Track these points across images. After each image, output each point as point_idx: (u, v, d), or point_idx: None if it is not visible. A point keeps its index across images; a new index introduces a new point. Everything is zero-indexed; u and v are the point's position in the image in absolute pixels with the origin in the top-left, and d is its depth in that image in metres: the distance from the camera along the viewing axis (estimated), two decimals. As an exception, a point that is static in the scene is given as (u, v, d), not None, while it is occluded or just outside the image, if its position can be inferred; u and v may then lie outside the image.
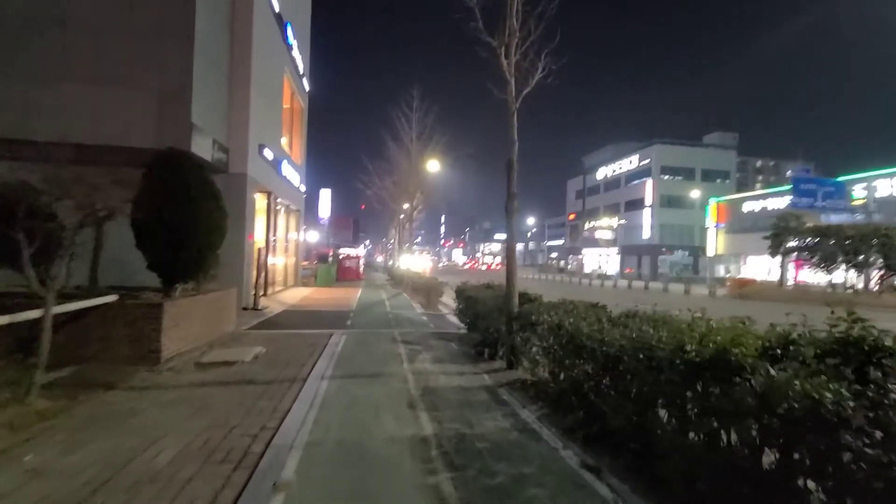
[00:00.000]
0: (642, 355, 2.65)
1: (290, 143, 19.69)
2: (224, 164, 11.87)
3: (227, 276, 12.12)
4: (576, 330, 3.55)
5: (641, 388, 2.74)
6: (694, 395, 2.37)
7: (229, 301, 8.45)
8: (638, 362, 2.68)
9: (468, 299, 7.54)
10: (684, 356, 2.34)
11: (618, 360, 2.90)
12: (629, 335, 2.89)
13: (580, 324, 3.58)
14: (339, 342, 7.53)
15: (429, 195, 24.01)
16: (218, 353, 6.45)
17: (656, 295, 23.92)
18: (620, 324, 3.32)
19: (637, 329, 2.96)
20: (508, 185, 5.66)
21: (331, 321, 10.34)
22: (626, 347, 2.82)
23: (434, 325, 10.38)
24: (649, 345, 2.63)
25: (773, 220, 22.54)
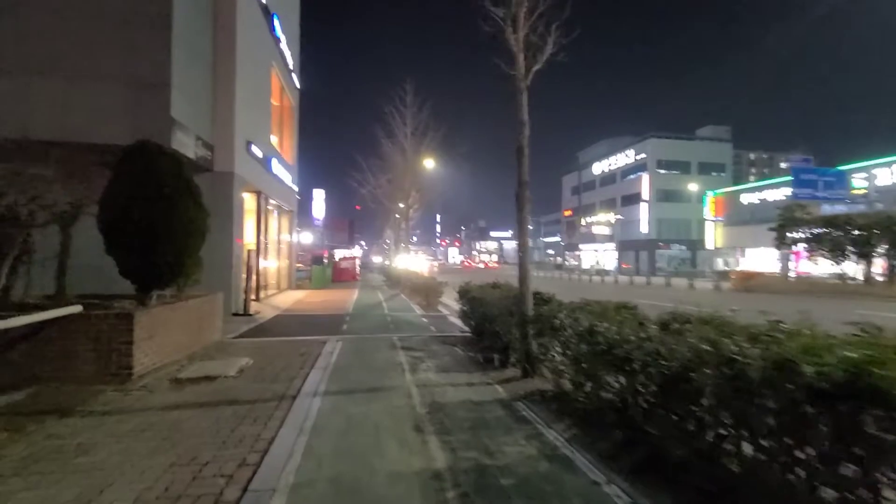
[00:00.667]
0: (722, 372, 2.06)
1: (281, 142, 19.00)
2: (209, 162, 11.20)
3: (215, 281, 11.46)
4: (619, 338, 2.94)
5: (718, 412, 2.16)
6: (815, 430, 1.77)
7: (214, 307, 7.80)
8: (716, 382, 2.09)
9: (473, 301, 6.92)
10: (796, 377, 1.75)
11: (682, 378, 2.31)
12: (696, 345, 2.29)
13: (623, 330, 2.98)
14: (335, 350, 6.91)
15: (424, 193, 23.39)
16: (199, 366, 5.81)
17: (659, 290, 23.41)
18: (675, 330, 2.72)
19: (702, 336, 2.35)
20: (519, 172, 5.06)
21: (325, 326, 9.70)
22: (696, 361, 2.22)
23: (435, 327, 9.77)
24: (732, 358, 2.04)
25: (779, 211, 22.08)
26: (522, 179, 5.05)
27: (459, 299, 8.11)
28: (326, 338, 8.03)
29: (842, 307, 13.49)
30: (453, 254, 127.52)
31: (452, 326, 10.06)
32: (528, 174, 5.09)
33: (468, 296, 7.26)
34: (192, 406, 4.24)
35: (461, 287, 8.04)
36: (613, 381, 3.16)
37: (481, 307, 6.41)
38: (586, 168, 71.08)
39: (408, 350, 6.93)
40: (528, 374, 5.00)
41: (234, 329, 9.16)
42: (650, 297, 16.92)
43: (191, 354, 6.46)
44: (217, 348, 7.10)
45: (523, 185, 5.06)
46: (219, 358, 6.37)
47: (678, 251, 56.13)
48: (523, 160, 5.02)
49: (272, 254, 18.46)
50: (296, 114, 21.34)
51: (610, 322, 3.34)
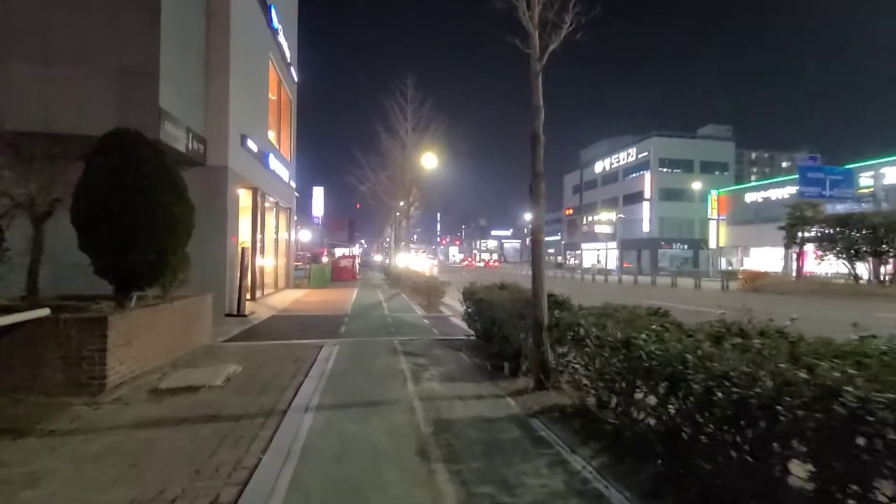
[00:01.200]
0: (829, 410, 1.59)
1: (279, 137, 18.51)
2: (201, 156, 10.72)
3: (207, 280, 10.98)
4: (666, 354, 2.45)
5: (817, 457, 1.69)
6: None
7: (203, 309, 7.33)
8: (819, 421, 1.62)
9: (480, 303, 6.44)
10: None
11: (764, 410, 1.82)
12: (785, 371, 1.81)
13: (670, 345, 2.49)
14: (331, 355, 6.43)
15: (425, 190, 22.90)
16: (183, 374, 5.33)
17: (666, 290, 22.94)
18: (739, 346, 2.24)
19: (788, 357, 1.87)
20: (533, 162, 4.58)
21: (322, 328, 9.23)
22: (787, 391, 1.74)
23: (438, 330, 9.29)
24: (838, 390, 1.57)
25: (787, 210, 21.56)
26: (537, 170, 4.56)
27: (464, 301, 7.63)
28: (323, 341, 7.55)
29: (861, 309, 13.03)
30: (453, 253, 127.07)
31: (456, 329, 9.58)
32: (544, 165, 4.60)
33: (474, 297, 6.78)
34: (168, 423, 3.76)
35: (466, 288, 7.56)
36: (656, 403, 2.68)
37: (489, 310, 5.93)
38: (588, 167, 70.61)
39: (410, 355, 6.46)
40: (542, 385, 4.53)
41: (226, 331, 8.69)
42: (659, 298, 16.45)
43: (175, 360, 5.99)
44: (205, 353, 6.62)
45: (538, 177, 4.58)
46: (206, 364, 5.90)
47: (680, 250, 55.68)
48: (538, 149, 4.54)
49: (269, 252, 17.98)
50: (294, 109, 20.85)
51: (646, 331, 2.86)
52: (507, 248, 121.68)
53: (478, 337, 7.19)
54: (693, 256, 55.14)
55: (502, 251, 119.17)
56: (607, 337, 3.16)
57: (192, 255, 10.97)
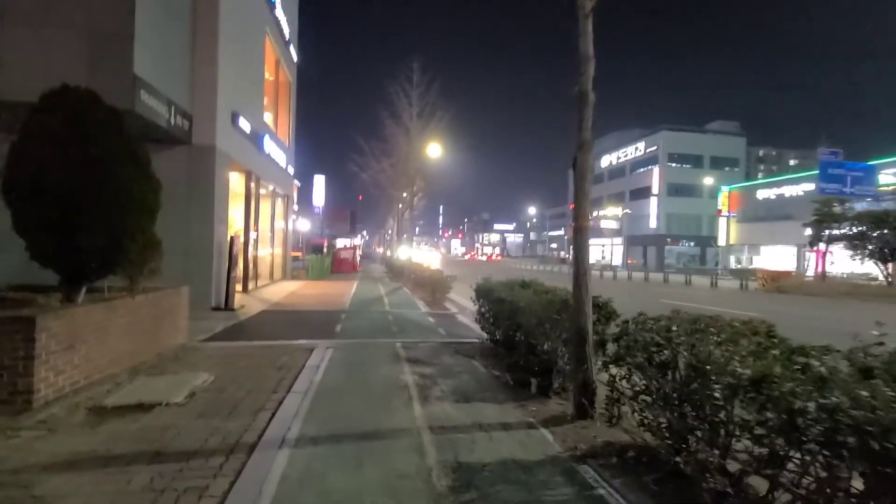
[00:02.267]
0: None
1: (276, 120, 17.47)
2: (186, 134, 9.72)
3: (192, 270, 10.01)
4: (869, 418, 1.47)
5: None
6: None
7: (177, 303, 6.37)
8: None
9: (500, 304, 5.43)
10: None
11: None
12: None
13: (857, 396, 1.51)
14: (322, 362, 5.47)
15: (430, 181, 21.85)
16: (140, 385, 4.38)
17: (680, 289, 21.92)
18: None
19: None
20: (579, 126, 3.56)
21: (316, 326, 8.27)
22: None
23: (445, 330, 8.33)
24: None
25: (816, 205, 20.43)
26: (583, 139, 3.55)
27: (477, 299, 6.66)
28: (315, 343, 6.60)
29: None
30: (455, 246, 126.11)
31: (465, 329, 8.62)
32: (591, 131, 3.59)
33: (492, 296, 5.77)
34: (91, 465, 2.79)
35: (480, 284, 6.57)
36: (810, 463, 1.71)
37: (513, 313, 4.92)
38: (594, 161, 69.29)
39: (415, 364, 5.49)
40: (584, 412, 3.56)
41: (208, 328, 7.74)
42: (676, 298, 15.43)
43: (136, 366, 5.03)
44: (176, 357, 5.66)
45: (584, 147, 3.56)
46: (172, 371, 4.94)
47: (687, 247, 54.54)
48: (586, 111, 3.52)
49: (264, 241, 17.01)
50: (293, 91, 19.77)
51: (779, 364, 1.88)
52: (510, 243, 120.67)
53: (493, 342, 6.22)
54: (700, 254, 54.02)
55: (504, 245, 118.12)
56: (717, 370, 2.16)
57: (173, 242, 9.97)
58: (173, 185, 10.24)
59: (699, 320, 2.62)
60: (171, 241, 9.91)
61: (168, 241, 9.88)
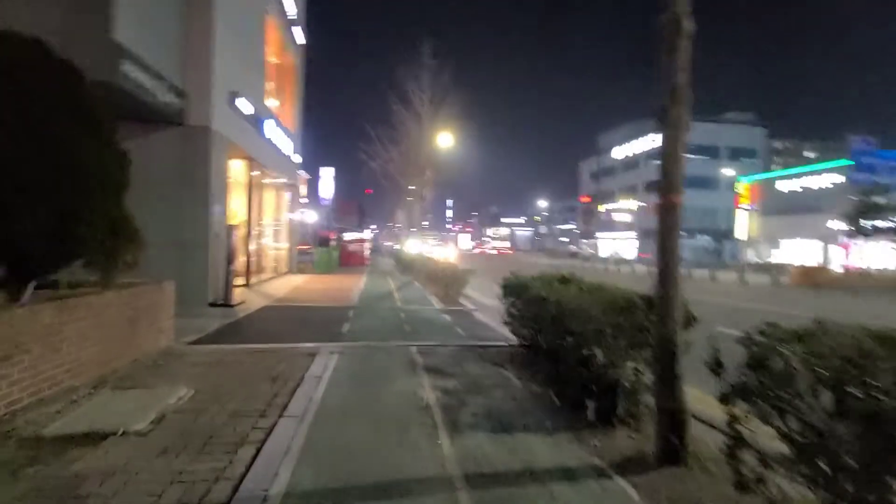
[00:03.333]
0: None
1: (281, 106, 16.60)
2: (179, 113, 8.86)
3: (186, 263, 9.18)
4: None
5: None
6: None
7: (158, 301, 5.51)
8: None
9: (537, 303, 4.48)
10: None
11: None
12: None
13: None
14: (325, 371, 4.60)
15: (441, 169, 20.85)
16: (97, 406, 3.53)
17: (706, 285, 20.83)
18: None
19: None
20: (670, 67, 2.61)
21: (321, 325, 7.41)
22: None
23: (465, 331, 7.42)
24: None
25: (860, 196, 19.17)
26: (678, 83, 2.57)
27: (504, 297, 5.73)
28: (318, 346, 5.73)
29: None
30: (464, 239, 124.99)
31: (486, 329, 7.71)
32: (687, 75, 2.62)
33: (526, 294, 4.82)
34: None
35: (509, 280, 5.64)
36: None
37: (560, 316, 3.96)
38: (606, 153, 67.68)
39: (435, 374, 4.59)
40: (673, 453, 2.63)
41: (200, 327, 6.91)
42: (709, 295, 14.37)
43: (103, 377, 4.19)
44: (154, 364, 4.82)
45: (678, 95, 2.58)
46: (145, 384, 4.09)
47: (703, 241, 53.00)
48: (680, 42, 2.55)
49: (269, 233, 16.21)
50: (299, 75, 18.84)
51: None
52: (519, 236, 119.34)
53: (525, 346, 5.30)
54: (717, 248, 52.49)
55: (513, 239, 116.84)
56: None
57: (165, 232, 9.18)
58: (165, 170, 9.44)
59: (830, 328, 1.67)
60: (162, 230, 9.13)
61: (159, 231, 9.06)
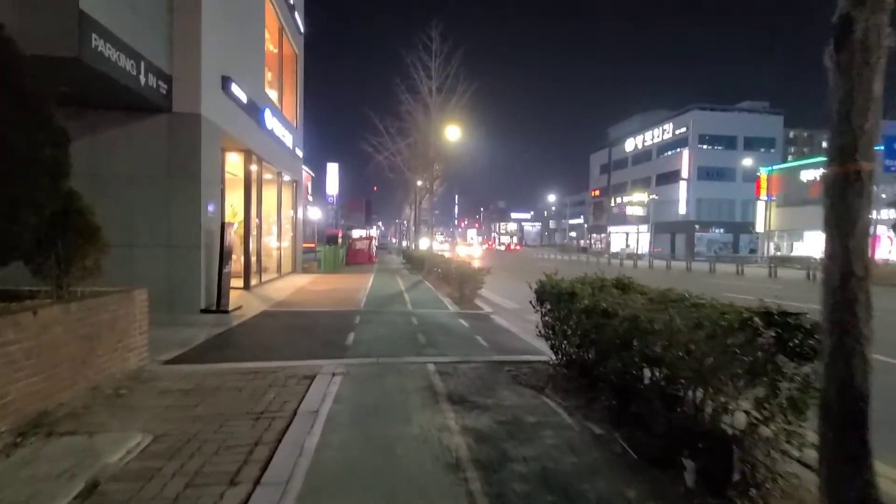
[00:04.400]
0: None
1: (281, 97, 15.71)
2: (164, 99, 7.97)
3: (175, 265, 8.34)
4: None
5: None
6: None
7: (124, 315, 4.60)
8: None
9: (595, 317, 3.50)
10: None
11: None
12: None
13: None
14: (324, 405, 3.67)
15: (450, 162, 19.81)
16: (7, 469, 2.63)
17: (733, 280, 19.67)
18: None
19: None
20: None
21: (323, 335, 6.50)
22: None
23: (486, 339, 6.46)
24: None
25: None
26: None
27: (539, 303, 4.77)
28: (318, 365, 4.81)
29: None
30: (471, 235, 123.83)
31: (509, 337, 6.75)
32: None
33: (575, 304, 3.82)
34: None
35: (546, 284, 4.66)
36: None
37: (629, 336, 2.97)
38: (617, 145, 66.18)
39: (462, 407, 3.64)
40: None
41: (185, 340, 6.01)
42: (741, 292, 13.25)
43: (41, 415, 3.28)
44: (114, 394, 3.92)
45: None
46: (92, 425, 3.19)
47: (718, 234, 51.46)
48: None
49: (270, 232, 15.37)
50: (300, 65, 17.93)
51: None
52: (527, 231, 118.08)
53: (566, 363, 4.33)
54: (733, 241, 50.97)
55: (522, 234, 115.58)
56: None
57: (152, 232, 8.32)
58: (151, 162, 8.56)
59: None
60: (149, 230, 8.23)
61: (146, 231, 8.16)
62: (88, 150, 8.08)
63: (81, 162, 8.11)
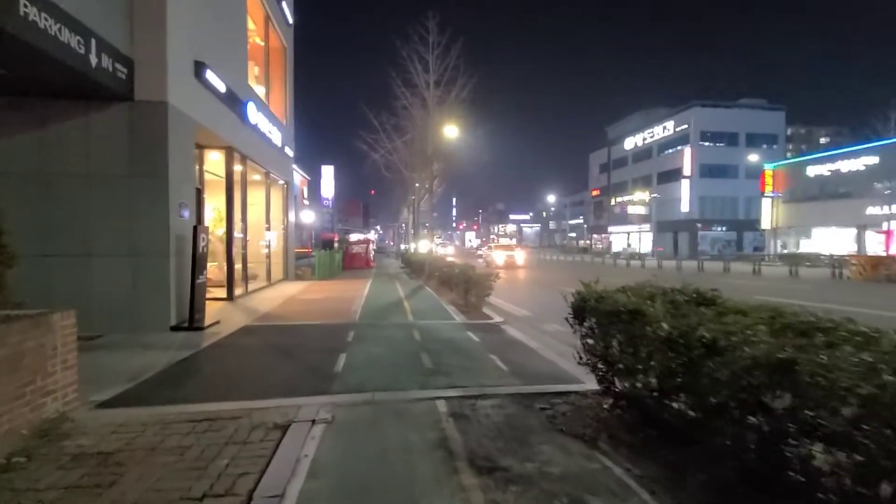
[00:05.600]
0: None
1: (269, 93, 14.64)
2: (124, 85, 6.89)
3: (143, 276, 7.25)
4: None
5: None
6: None
7: (31, 349, 3.50)
8: None
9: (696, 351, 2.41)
10: None
11: None
12: None
13: None
14: (295, 478, 2.58)
15: (449, 160, 18.74)
16: None
17: (750, 280, 18.63)
18: None
19: None
20: None
21: (308, 359, 5.41)
22: None
23: (503, 359, 5.37)
24: None
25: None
26: None
27: (577, 320, 3.70)
28: (296, 405, 3.73)
29: None
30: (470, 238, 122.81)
31: (528, 355, 5.67)
32: None
33: (646, 328, 2.77)
34: None
35: (587, 295, 3.59)
36: None
37: (768, 388, 1.90)
38: (616, 144, 65.30)
39: (492, 479, 2.57)
40: None
41: (140, 368, 4.90)
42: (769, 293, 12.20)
43: None
44: (6, 463, 2.82)
45: None
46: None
47: (721, 232, 50.50)
48: None
49: (258, 236, 14.27)
50: (289, 58, 16.85)
51: None
52: (526, 233, 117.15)
53: (618, 403, 3.26)
54: (737, 239, 50.03)
55: (521, 236, 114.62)
56: None
57: (113, 238, 7.22)
58: (112, 159, 7.41)
59: None
60: (110, 236, 7.11)
61: (106, 237, 7.04)
62: (36, 146, 7.01)
63: (27, 160, 7.14)
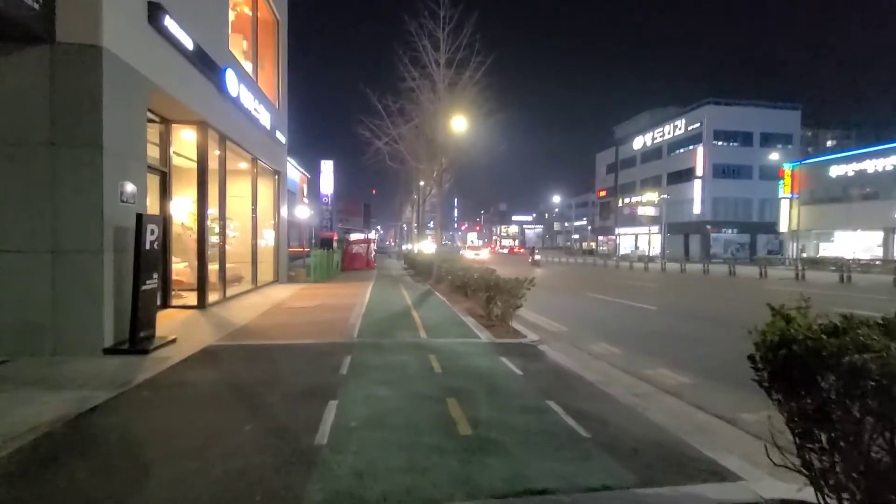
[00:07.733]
0: None
1: (258, 69, 12.78)
2: (40, 20, 5.03)
3: (68, 280, 5.36)
4: None
5: None
6: None
7: None
8: None
9: None
10: None
11: None
12: None
13: None
14: None
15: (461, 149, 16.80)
16: None
17: (791, 285, 16.72)
18: None
19: None
20: None
21: (278, 413, 3.52)
22: None
23: (571, 412, 3.47)
24: None
25: None
26: None
27: (773, 380, 1.84)
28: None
29: None
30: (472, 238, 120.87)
31: (586, 390, 3.77)
32: None
33: None
34: None
35: (793, 336, 1.72)
36: None
37: None
38: (624, 143, 63.46)
39: None
40: None
41: (10, 427, 2.99)
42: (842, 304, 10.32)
43: None
44: None
45: None
46: None
47: (734, 235, 48.66)
48: None
49: (243, 233, 12.40)
50: (282, 33, 14.98)
51: None
52: (529, 234, 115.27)
53: None
54: (750, 241, 48.18)
55: (524, 237, 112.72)
56: None
57: (27, 229, 5.26)
58: (22, 122, 5.35)
59: None
60: (23, 226, 4.82)
61: (18, 228, 4.68)
62: (-85, 100, 5.12)
63: None
